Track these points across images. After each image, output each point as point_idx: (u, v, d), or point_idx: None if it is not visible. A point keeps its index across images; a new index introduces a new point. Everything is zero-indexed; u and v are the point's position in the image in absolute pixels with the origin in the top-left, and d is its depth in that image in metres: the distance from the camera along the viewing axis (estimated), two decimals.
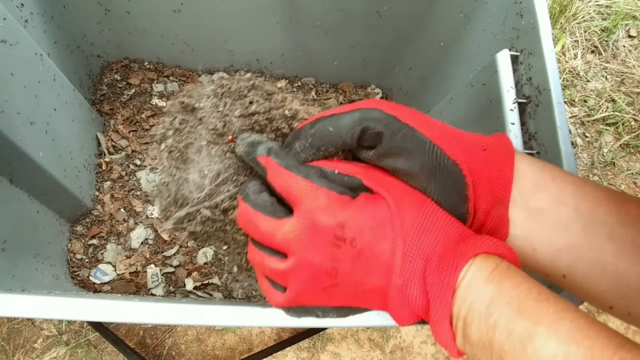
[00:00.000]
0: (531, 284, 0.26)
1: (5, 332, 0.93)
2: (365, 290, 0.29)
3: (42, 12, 0.70)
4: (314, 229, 0.28)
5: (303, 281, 0.29)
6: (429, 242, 0.28)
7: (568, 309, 0.24)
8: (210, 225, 0.33)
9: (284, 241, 0.28)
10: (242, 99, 0.33)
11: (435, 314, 0.27)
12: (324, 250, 0.28)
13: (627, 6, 1.36)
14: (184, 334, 0.97)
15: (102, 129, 0.87)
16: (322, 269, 0.28)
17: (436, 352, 1.02)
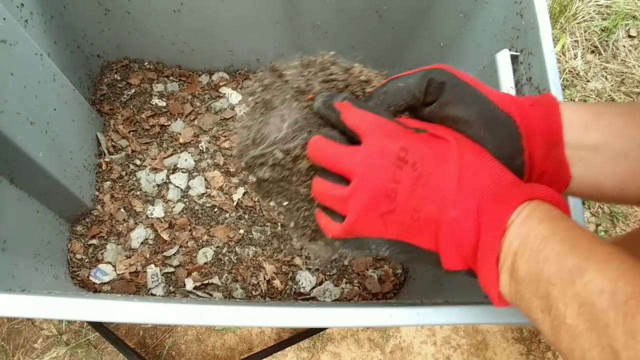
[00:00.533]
0: (583, 229, 0.26)
1: (5, 332, 0.93)
2: (420, 220, 0.30)
3: (42, 12, 0.70)
4: (379, 151, 0.30)
5: (363, 204, 0.30)
6: (486, 181, 0.29)
7: (619, 252, 0.24)
8: (278, 172, 0.36)
9: (351, 165, 0.30)
10: (324, 70, 0.36)
11: (484, 247, 0.27)
12: (387, 170, 0.30)
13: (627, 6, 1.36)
14: (184, 334, 0.97)
15: (102, 129, 0.87)
16: (383, 188, 0.30)
17: (436, 352, 1.02)
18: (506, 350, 1.03)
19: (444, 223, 0.29)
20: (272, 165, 0.35)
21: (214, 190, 0.86)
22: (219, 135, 0.90)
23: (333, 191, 0.32)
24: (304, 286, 0.82)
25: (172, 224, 0.83)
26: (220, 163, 0.88)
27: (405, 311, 0.40)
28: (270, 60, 0.93)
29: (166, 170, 0.87)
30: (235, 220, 0.85)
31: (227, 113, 0.92)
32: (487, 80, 0.60)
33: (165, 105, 0.92)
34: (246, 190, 0.87)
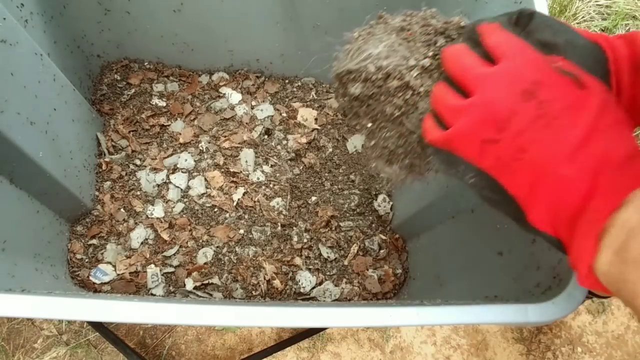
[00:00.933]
0: None
1: (5, 332, 0.93)
2: (522, 162, 0.27)
3: (42, 12, 0.70)
4: (510, 75, 0.29)
5: (471, 121, 0.29)
6: (616, 148, 0.26)
7: None
8: (368, 89, 0.37)
9: (477, 79, 0.30)
10: (424, 19, 0.40)
11: (591, 213, 0.25)
12: (510, 96, 0.28)
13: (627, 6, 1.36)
14: (184, 334, 0.97)
15: (102, 129, 0.87)
16: (498, 113, 0.28)
17: (436, 352, 1.02)
18: (506, 351, 1.03)
19: (550, 176, 0.26)
20: (363, 80, 0.37)
21: (214, 190, 0.86)
22: (219, 135, 0.90)
23: (450, 99, 0.31)
24: (304, 286, 0.82)
25: (172, 224, 0.83)
26: (220, 163, 0.88)
27: (405, 311, 0.40)
28: (270, 60, 0.93)
29: (166, 170, 0.87)
30: (235, 220, 0.85)
31: (227, 113, 0.92)
32: None
33: (165, 105, 0.92)
34: (246, 190, 0.87)
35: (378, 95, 0.38)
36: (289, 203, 0.87)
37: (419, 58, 0.36)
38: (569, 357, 1.03)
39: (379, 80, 0.37)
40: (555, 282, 0.44)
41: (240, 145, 0.90)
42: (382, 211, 0.88)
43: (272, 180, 0.89)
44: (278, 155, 0.91)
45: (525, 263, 0.50)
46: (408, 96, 0.36)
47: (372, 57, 0.37)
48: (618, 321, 1.06)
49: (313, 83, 0.98)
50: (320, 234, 0.86)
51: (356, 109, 0.40)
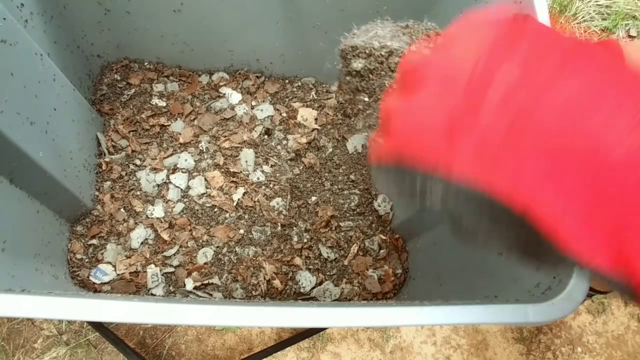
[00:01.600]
0: None
1: (5, 332, 0.93)
2: (523, 147, 0.17)
3: (42, 12, 0.70)
4: (471, 27, 0.22)
5: (419, 106, 0.20)
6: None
7: None
8: (370, 64, 0.39)
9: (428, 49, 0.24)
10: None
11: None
12: (476, 56, 0.20)
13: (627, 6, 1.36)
14: (184, 334, 0.97)
15: (102, 129, 0.87)
16: (461, 83, 0.19)
17: (436, 352, 1.02)
18: (506, 351, 1.03)
19: (598, 164, 0.15)
20: (367, 55, 0.39)
21: (214, 190, 0.86)
22: (219, 135, 0.90)
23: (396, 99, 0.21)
24: (304, 286, 0.82)
25: (172, 224, 0.83)
26: (220, 163, 0.88)
27: (405, 311, 0.40)
28: (270, 60, 0.93)
29: (166, 170, 0.87)
30: (235, 220, 0.85)
31: (227, 113, 0.92)
32: None
33: (165, 105, 0.92)
34: (246, 190, 0.87)
35: (379, 70, 0.40)
36: (289, 203, 0.87)
37: (420, 45, 0.38)
38: (569, 357, 1.03)
39: (382, 57, 0.39)
40: (555, 282, 0.44)
41: (240, 145, 0.90)
42: (382, 211, 0.88)
43: (272, 180, 0.89)
44: (278, 155, 0.91)
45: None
46: None
47: (378, 36, 0.39)
48: (618, 321, 1.06)
49: (313, 83, 0.98)
50: (320, 234, 0.86)
51: (356, 84, 0.42)
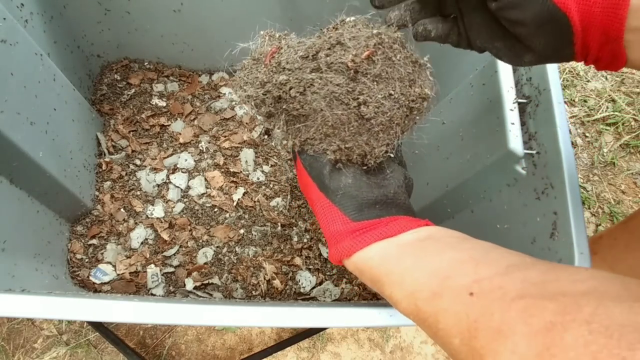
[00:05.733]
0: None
1: (5, 332, 0.93)
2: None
3: (42, 12, 0.70)
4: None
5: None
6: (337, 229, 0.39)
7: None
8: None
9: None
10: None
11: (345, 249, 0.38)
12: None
13: None
14: (184, 334, 0.97)
15: (102, 129, 0.87)
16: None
17: (436, 352, 1.02)
18: None
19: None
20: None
21: (214, 190, 0.86)
22: (219, 135, 0.90)
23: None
24: (304, 286, 0.82)
25: (172, 224, 0.83)
26: (220, 163, 0.88)
27: None
28: None
29: (166, 170, 0.87)
30: (235, 220, 0.85)
31: (227, 113, 0.92)
32: (487, 80, 0.60)
33: (165, 105, 0.92)
34: (246, 190, 0.87)
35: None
36: (289, 203, 0.87)
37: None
38: None
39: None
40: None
41: (240, 145, 0.90)
42: None
43: (272, 180, 0.89)
44: (278, 155, 0.91)
45: None
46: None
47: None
48: None
49: None
50: (320, 234, 0.86)
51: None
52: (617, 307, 0.20)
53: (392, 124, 0.38)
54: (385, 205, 0.37)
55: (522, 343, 0.21)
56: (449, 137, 0.72)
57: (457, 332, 0.26)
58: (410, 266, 0.32)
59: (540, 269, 0.26)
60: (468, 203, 0.68)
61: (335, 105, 0.37)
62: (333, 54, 0.37)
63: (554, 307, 0.22)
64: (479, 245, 0.32)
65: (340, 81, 0.37)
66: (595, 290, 0.22)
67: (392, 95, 0.37)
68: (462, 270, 0.29)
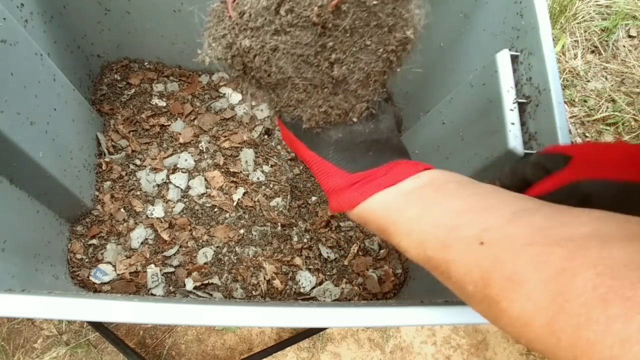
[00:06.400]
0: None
1: (5, 332, 0.93)
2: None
3: (42, 12, 0.70)
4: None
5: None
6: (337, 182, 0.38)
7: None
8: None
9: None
10: None
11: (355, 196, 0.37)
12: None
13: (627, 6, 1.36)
14: (184, 334, 0.97)
15: (102, 129, 0.87)
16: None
17: (436, 352, 1.02)
18: (506, 351, 1.03)
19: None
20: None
21: (214, 190, 0.86)
22: (219, 135, 0.90)
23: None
24: (304, 286, 0.82)
25: (172, 224, 0.83)
26: (220, 163, 0.88)
27: (405, 311, 0.40)
28: None
29: (166, 170, 0.87)
30: (235, 220, 0.85)
31: (227, 113, 0.92)
32: (487, 80, 0.60)
33: (165, 105, 0.92)
34: (246, 190, 0.87)
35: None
36: (289, 203, 0.87)
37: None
38: None
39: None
40: None
41: (240, 145, 0.90)
42: None
43: (272, 180, 0.89)
44: (278, 155, 0.91)
45: None
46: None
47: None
48: None
49: None
50: (320, 234, 0.86)
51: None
52: (618, 247, 0.22)
53: (369, 80, 0.34)
54: (379, 149, 0.36)
55: (536, 289, 0.23)
56: (449, 137, 0.72)
57: (470, 280, 0.27)
58: (416, 216, 0.32)
59: (544, 214, 0.26)
60: None
61: (304, 68, 0.33)
62: (296, 5, 0.31)
63: (562, 252, 0.23)
64: (481, 190, 0.32)
65: (307, 40, 0.32)
66: (598, 232, 0.23)
67: (368, 47, 0.32)
68: (469, 219, 0.29)
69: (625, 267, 0.20)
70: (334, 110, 0.35)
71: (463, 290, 0.28)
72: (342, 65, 0.33)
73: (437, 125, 0.75)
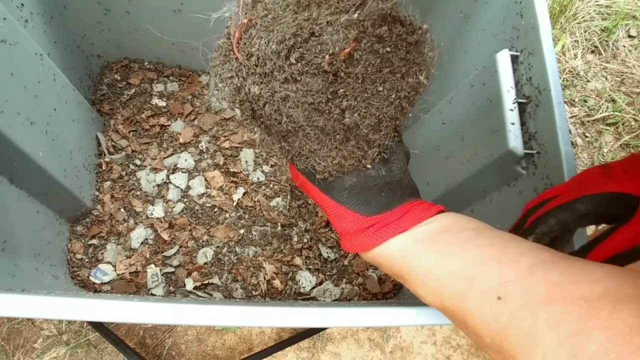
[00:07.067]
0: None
1: (5, 332, 0.93)
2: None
3: (42, 12, 0.70)
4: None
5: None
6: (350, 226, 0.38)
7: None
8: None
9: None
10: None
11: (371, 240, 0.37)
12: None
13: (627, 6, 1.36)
14: (184, 334, 0.97)
15: (102, 129, 0.87)
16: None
17: (436, 352, 1.02)
18: None
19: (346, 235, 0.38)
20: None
21: (214, 190, 0.86)
22: (219, 135, 0.90)
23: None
24: (304, 286, 0.82)
25: (172, 224, 0.83)
26: (220, 163, 0.88)
27: (405, 311, 0.40)
28: None
29: (166, 170, 0.87)
30: (235, 220, 0.85)
31: (227, 113, 0.92)
32: (487, 80, 0.60)
33: (165, 105, 0.92)
34: (246, 190, 0.87)
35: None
36: (289, 203, 0.87)
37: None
38: None
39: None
40: None
41: (240, 145, 0.90)
42: None
43: (272, 180, 0.89)
44: (278, 155, 0.91)
45: None
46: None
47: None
48: None
49: None
50: (320, 234, 0.86)
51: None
52: (629, 308, 0.23)
53: (381, 125, 0.33)
54: (392, 190, 0.36)
55: (552, 350, 0.24)
56: (449, 137, 0.72)
57: (487, 333, 0.28)
58: (433, 265, 0.32)
59: (560, 268, 0.27)
60: (468, 203, 0.67)
61: (315, 117, 0.32)
62: (307, 52, 0.30)
63: (577, 312, 0.24)
64: (497, 239, 0.32)
65: (318, 87, 0.31)
66: (609, 290, 0.25)
67: (380, 93, 0.32)
68: (487, 270, 0.29)
69: (633, 330, 0.22)
70: (347, 160, 0.35)
71: (480, 340, 0.29)
72: (353, 112, 0.32)
73: (437, 125, 0.75)
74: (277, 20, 0.31)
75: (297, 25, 0.30)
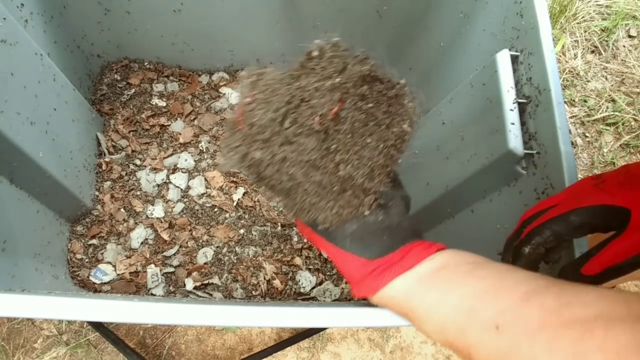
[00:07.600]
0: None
1: (5, 332, 0.93)
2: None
3: (42, 12, 0.70)
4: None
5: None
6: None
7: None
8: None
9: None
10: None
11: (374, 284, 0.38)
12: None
13: (627, 6, 1.36)
14: (184, 334, 0.97)
15: (102, 129, 0.87)
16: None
17: (436, 352, 1.02)
18: None
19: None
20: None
21: (214, 190, 0.86)
22: (219, 135, 0.90)
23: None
24: (304, 286, 0.82)
25: (172, 224, 0.83)
26: (220, 163, 0.88)
27: None
28: (271, 60, 0.93)
29: (166, 170, 0.87)
30: (235, 220, 0.85)
31: (227, 113, 0.92)
32: (487, 80, 0.60)
33: (165, 105, 0.92)
34: (246, 190, 0.87)
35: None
36: None
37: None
38: None
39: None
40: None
41: None
42: None
43: None
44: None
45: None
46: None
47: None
48: None
49: None
50: None
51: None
52: (622, 328, 0.24)
53: (374, 173, 0.37)
54: (392, 233, 0.38)
55: None
56: (449, 137, 0.72)
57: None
58: (434, 302, 0.34)
59: (553, 293, 0.28)
60: (468, 203, 0.67)
61: (312, 172, 0.36)
62: (299, 116, 0.35)
63: (571, 336, 0.25)
64: (495, 270, 0.34)
65: (312, 145, 0.35)
66: (602, 312, 0.25)
67: (369, 144, 0.35)
68: (484, 301, 0.31)
69: (628, 350, 0.23)
70: (345, 209, 0.38)
71: None
72: (347, 165, 0.35)
73: (437, 125, 0.75)
74: (273, 93, 0.36)
75: (290, 95, 0.35)
